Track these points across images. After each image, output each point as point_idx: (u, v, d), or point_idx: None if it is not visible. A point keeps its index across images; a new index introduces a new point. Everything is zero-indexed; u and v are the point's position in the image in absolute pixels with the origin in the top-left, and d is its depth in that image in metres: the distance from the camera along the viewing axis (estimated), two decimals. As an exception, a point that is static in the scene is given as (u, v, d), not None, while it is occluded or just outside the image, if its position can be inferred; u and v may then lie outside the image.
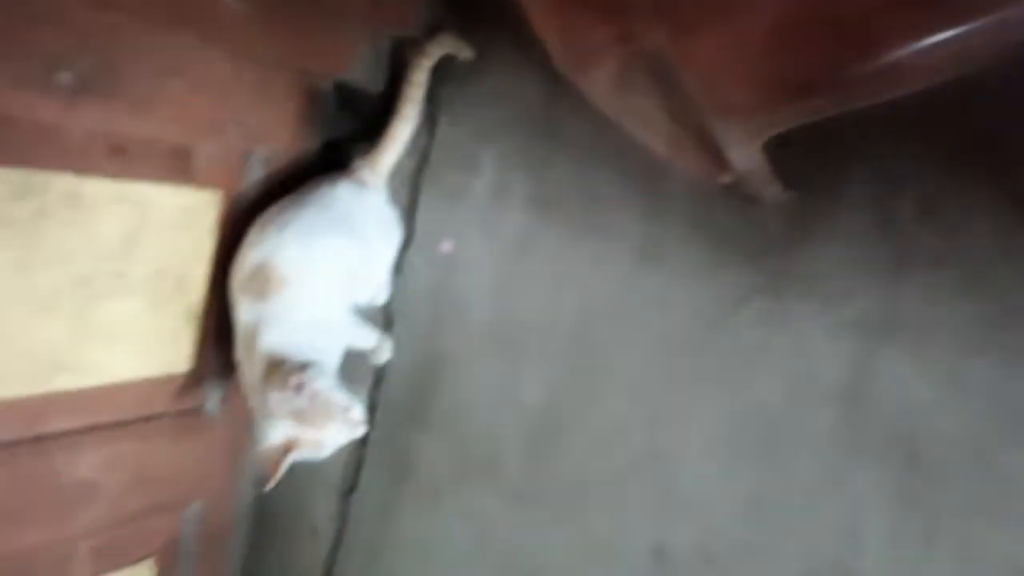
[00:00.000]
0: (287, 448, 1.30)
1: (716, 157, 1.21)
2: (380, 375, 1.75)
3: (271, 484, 1.30)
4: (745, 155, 1.09)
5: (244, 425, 1.73)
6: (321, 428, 1.31)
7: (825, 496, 1.37)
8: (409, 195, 1.71)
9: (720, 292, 1.45)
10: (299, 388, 1.28)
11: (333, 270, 1.45)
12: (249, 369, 1.39)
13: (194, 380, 1.55)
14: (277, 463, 1.30)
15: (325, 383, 1.33)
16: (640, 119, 1.13)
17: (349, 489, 1.82)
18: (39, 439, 1.44)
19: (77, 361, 1.42)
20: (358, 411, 1.32)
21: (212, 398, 1.69)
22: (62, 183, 1.30)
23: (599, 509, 1.54)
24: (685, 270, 1.47)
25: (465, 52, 1.57)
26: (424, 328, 1.69)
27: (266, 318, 1.40)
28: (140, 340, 1.52)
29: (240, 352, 1.41)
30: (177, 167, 1.48)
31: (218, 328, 1.59)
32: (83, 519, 1.54)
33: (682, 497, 1.47)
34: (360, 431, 1.33)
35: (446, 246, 1.67)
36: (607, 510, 1.53)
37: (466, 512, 1.68)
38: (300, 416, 1.30)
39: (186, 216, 1.53)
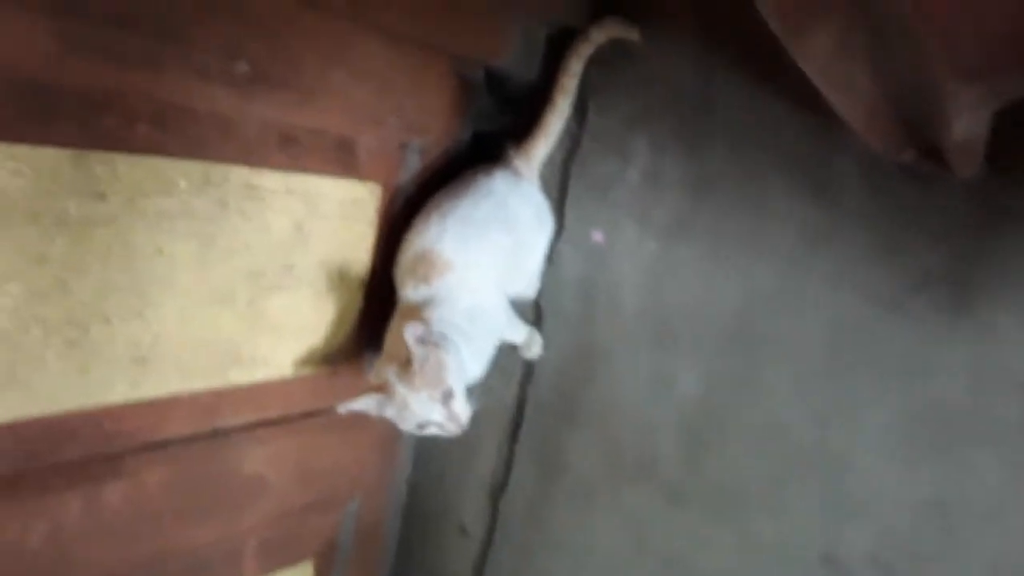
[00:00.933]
0: (373, 386, 1.32)
1: (910, 131, 1.13)
2: (530, 371, 1.68)
3: (343, 408, 1.33)
4: (971, 124, 0.99)
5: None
6: (414, 390, 1.28)
7: (1014, 498, 1.23)
8: (559, 184, 1.64)
9: (897, 276, 1.31)
10: (420, 338, 1.27)
11: (492, 258, 1.44)
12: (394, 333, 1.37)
13: (356, 371, 1.55)
14: (359, 395, 1.33)
15: (450, 361, 1.29)
16: (844, 86, 1.05)
17: (499, 487, 1.77)
18: (214, 434, 1.44)
19: (249, 354, 1.42)
20: (461, 406, 1.30)
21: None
22: (239, 175, 1.30)
23: (763, 511, 1.43)
24: (857, 253, 1.34)
25: (632, 34, 1.50)
26: (574, 321, 1.62)
27: (431, 298, 1.39)
28: (305, 333, 1.52)
29: (393, 325, 1.41)
30: (342, 159, 1.46)
31: (376, 321, 1.56)
32: (252, 515, 1.54)
33: (854, 500, 1.35)
34: (453, 429, 1.30)
35: (597, 236, 1.60)
36: (771, 513, 1.42)
37: (621, 512, 1.60)
38: (405, 366, 1.28)
39: (349, 208, 1.52)
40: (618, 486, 1.60)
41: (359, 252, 1.52)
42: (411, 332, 1.25)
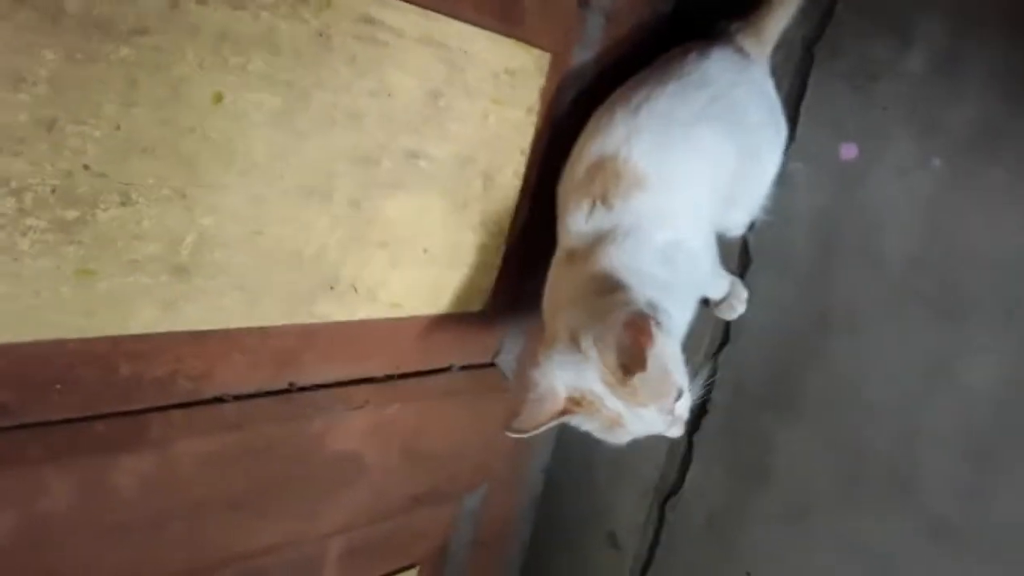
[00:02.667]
0: (567, 406, 0.91)
1: None
2: (725, 338, 1.35)
3: (518, 433, 0.92)
4: None
5: None
6: (635, 404, 0.90)
7: None
8: (796, 75, 1.26)
9: None
10: (641, 332, 0.86)
11: (705, 175, 1.08)
12: (564, 292, 1.01)
13: (489, 324, 1.23)
14: (545, 417, 0.91)
15: (671, 347, 0.93)
16: None
17: (669, 491, 1.44)
18: (289, 392, 1.04)
19: (347, 280, 1.01)
20: (685, 404, 0.94)
21: (508, 352, 1.31)
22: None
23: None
24: None
25: None
26: (801, 272, 1.27)
27: (610, 231, 1.02)
28: (427, 257, 1.10)
29: (556, 273, 1.05)
30: (503, 8, 1.05)
31: (526, 255, 1.18)
32: (341, 508, 1.15)
33: None
34: (675, 433, 0.96)
35: (848, 151, 1.21)
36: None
37: (850, 543, 1.24)
38: (617, 374, 0.88)
39: (506, 82, 1.09)
40: (849, 508, 1.25)
41: (512, 149, 1.15)
42: (622, 338, 0.87)
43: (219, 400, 0.95)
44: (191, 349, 0.88)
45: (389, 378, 1.16)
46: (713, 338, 1.37)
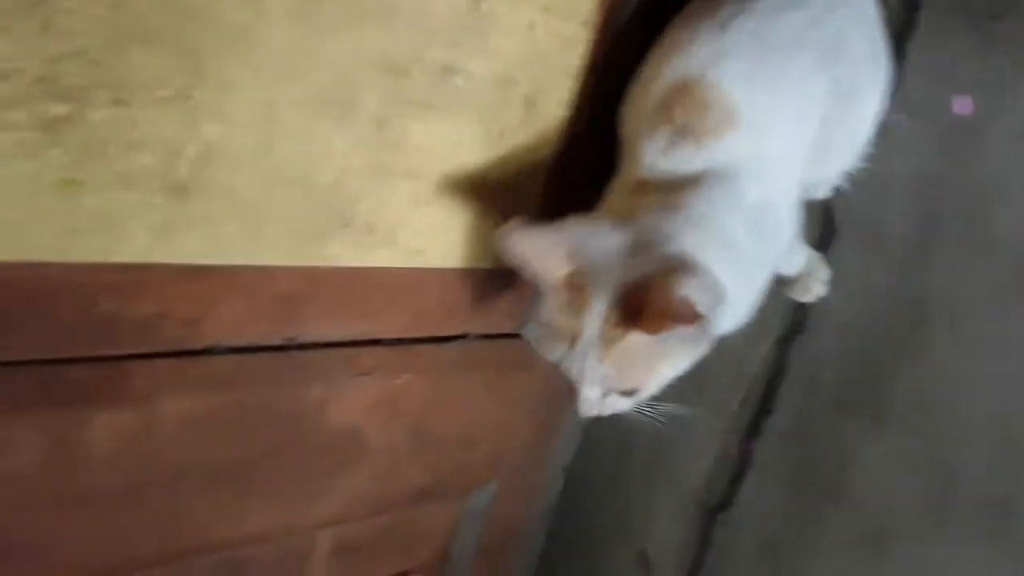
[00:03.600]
0: (561, 281, 0.95)
1: None
2: (798, 324, 1.36)
3: (506, 242, 0.95)
4: None
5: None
6: (594, 349, 0.94)
7: None
8: (901, 8, 1.26)
9: None
10: (686, 307, 0.89)
11: (802, 117, 1.07)
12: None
13: (516, 285, 1.23)
14: (534, 263, 0.97)
15: (689, 350, 0.98)
16: None
17: (717, 505, 1.45)
18: (287, 348, 1.05)
19: (364, 213, 1.03)
20: (620, 404, 1.00)
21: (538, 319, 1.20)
22: None
23: None
24: None
25: None
26: (896, 250, 1.27)
27: (697, 174, 1.02)
28: (455, 195, 1.11)
29: (617, 198, 1.07)
30: None
31: (567, 205, 1.13)
32: (336, 493, 1.18)
33: None
34: (582, 411, 0.99)
35: (961, 105, 1.21)
36: None
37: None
38: (615, 313, 0.93)
39: None
40: (936, 537, 1.25)
41: (560, 72, 1.16)
42: (686, 286, 0.90)
43: (208, 351, 0.95)
44: (182, 287, 0.89)
45: (400, 342, 1.17)
46: (783, 324, 1.39)
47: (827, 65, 1.08)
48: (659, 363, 0.96)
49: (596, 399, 0.97)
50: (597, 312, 0.94)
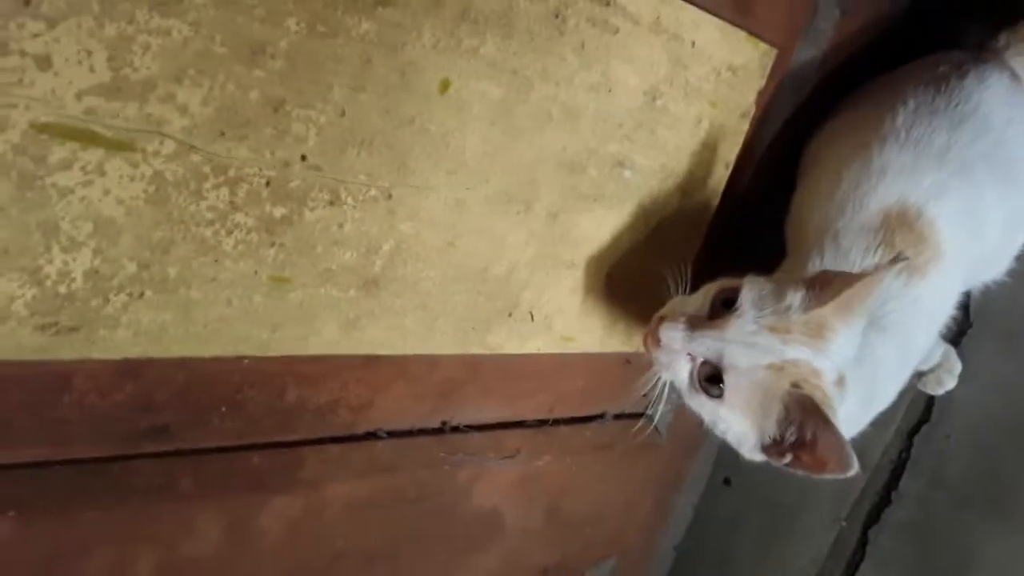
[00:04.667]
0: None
1: None
2: (926, 415, 1.34)
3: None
4: None
5: (691, 458, 1.41)
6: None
7: None
8: None
9: None
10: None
11: (984, 239, 1.06)
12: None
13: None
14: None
15: None
16: None
17: None
18: (442, 432, 1.08)
19: (527, 302, 1.06)
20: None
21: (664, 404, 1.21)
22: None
23: None
24: None
25: None
26: None
27: (887, 311, 0.98)
28: (608, 284, 1.14)
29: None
30: None
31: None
32: (468, 573, 1.19)
33: None
34: None
35: None
36: None
37: None
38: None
39: (726, 80, 1.12)
40: None
41: (718, 161, 1.18)
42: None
43: (373, 436, 0.97)
44: (360, 374, 0.91)
45: (542, 423, 1.19)
46: (911, 412, 1.36)
47: (1006, 186, 1.07)
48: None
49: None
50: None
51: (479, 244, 0.94)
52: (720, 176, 1.19)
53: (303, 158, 0.75)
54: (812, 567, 1.46)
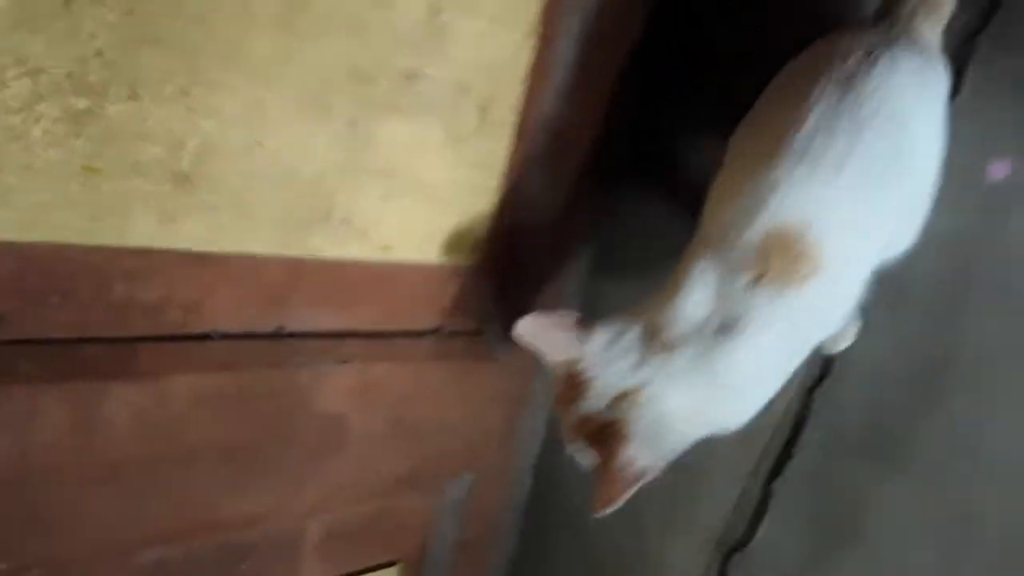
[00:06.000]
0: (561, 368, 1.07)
1: None
2: (824, 372, 1.36)
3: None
4: None
5: (533, 377, 1.49)
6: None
7: None
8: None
9: None
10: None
11: (879, 233, 1.05)
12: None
13: (478, 284, 1.37)
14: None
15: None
16: None
17: (735, 545, 1.47)
18: (277, 337, 1.15)
19: (341, 207, 1.14)
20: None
21: (494, 321, 1.43)
22: None
23: None
24: None
25: None
26: (925, 304, 1.27)
27: (748, 316, 1.02)
28: (420, 193, 1.24)
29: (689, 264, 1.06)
30: None
31: (521, 205, 1.32)
32: (324, 478, 1.26)
33: None
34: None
35: (998, 169, 1.20)
36: None
37: None
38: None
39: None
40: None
41: (510, 79, 1.28)
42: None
43: (207, 337, 1.05)
44: (185, 272, 1.00)
45: (377, 335, 1.27)
46: (811, 369, 1.36)
47: (907, 171, 1.04)
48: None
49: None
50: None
51: (285, 145, 1.03)
52: (516, 93, 1.31)
53: (99, 53, 0.84)
54: (719, 522, 1.51)
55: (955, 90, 1.15)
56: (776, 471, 1.40)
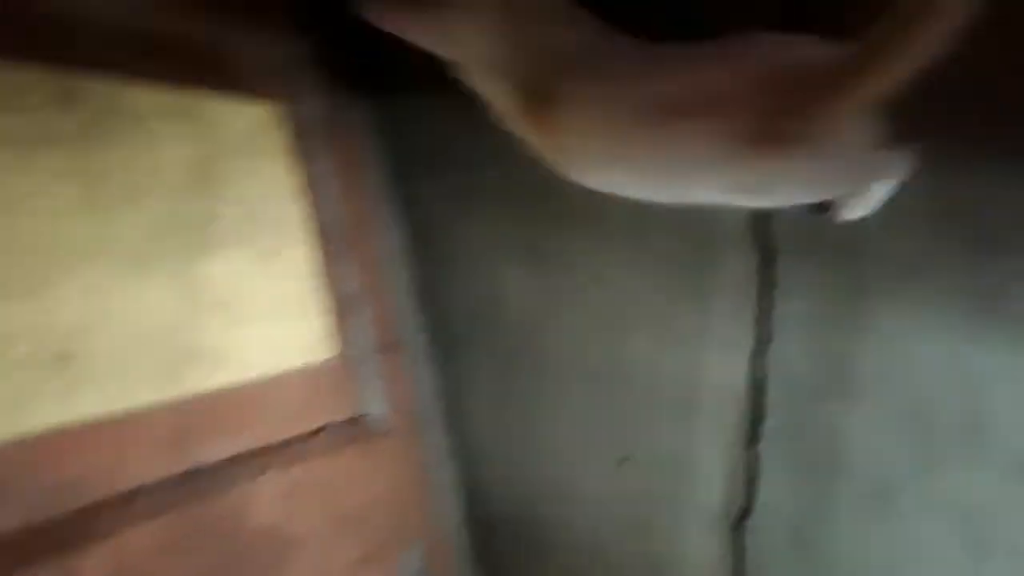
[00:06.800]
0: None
1: None
2: (768, 335, 1.43)
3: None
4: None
5: (423, 437, 1.58)
6: None
7: None
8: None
9: None
10: None
11: None
12: None
13: (342, 371, 1.48)
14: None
15: None
16: None
17: (741, 514, 1.50)
18: (195, 474, 1.25)
19: (200, 345, 1.26)
20: None
21: (372, 398, 1.54)
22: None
23: None
24: None
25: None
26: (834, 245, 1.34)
27: None
28: (264, 309, 1.37)
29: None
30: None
31: (351, 289, 1.44)
32: None
33: None
34: None
35: None
36: None
37: (938, 505, 1.35)
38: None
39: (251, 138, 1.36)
40: (931, 473, 1.35)
41: (283, 194, 1.42)
42: None
43: (136, 491, 1.16)
44: (95, 437, 1.11)
45: (279, 445, 1.38)
46: (760, 333, 1.43)
47: None
48: None
49: None
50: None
51: (131, 300, 1.19)
52: (298, 206, 1.49)
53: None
54: (716, 500, 1.54)
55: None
56: (755, 436, 1.44)
